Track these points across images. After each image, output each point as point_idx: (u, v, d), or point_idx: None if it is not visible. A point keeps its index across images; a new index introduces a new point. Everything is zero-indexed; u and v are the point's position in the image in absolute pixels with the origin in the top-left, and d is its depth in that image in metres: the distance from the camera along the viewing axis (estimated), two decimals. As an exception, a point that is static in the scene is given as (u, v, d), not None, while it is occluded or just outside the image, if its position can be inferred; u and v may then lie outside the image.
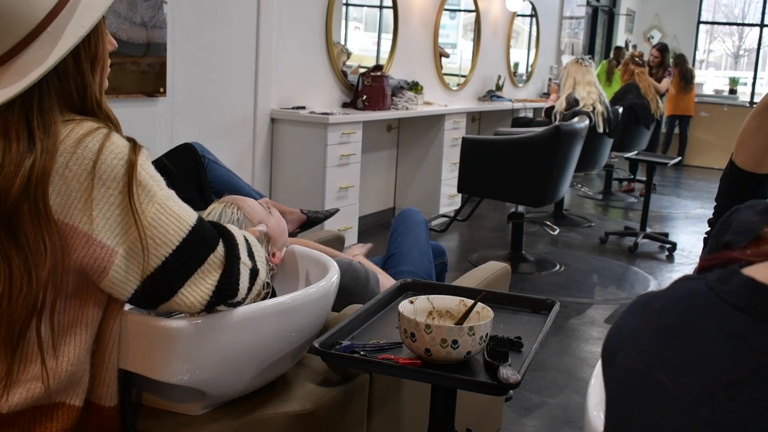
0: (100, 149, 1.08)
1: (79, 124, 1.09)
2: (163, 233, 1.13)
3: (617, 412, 0.58)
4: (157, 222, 1.12)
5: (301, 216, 2.25)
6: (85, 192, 1.07)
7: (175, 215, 1.15)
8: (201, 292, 1.18)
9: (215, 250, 1.20)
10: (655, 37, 10.73)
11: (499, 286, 2.13)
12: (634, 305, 0.63)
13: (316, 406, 1.51)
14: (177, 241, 1.14)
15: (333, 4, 4.76)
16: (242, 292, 1.25)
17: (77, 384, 1.18)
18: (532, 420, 2.69)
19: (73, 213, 1.07)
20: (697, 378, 0.52)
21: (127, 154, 1.10)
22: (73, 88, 1.12)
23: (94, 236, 1.08)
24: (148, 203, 1.11)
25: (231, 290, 1.22)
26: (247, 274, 1.25)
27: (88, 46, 1.13)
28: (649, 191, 5.36)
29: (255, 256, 1.30)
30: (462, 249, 5.13)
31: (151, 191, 1.12)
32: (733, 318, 0.53)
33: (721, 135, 9.73)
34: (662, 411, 0.54)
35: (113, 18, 3.19)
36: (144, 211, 1.10)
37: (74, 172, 1.06)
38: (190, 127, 3.70)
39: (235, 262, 1.22)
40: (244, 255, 1.26)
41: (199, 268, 1.18)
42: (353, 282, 1.87)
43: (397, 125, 5.67)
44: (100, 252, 1.09)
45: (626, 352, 0.59)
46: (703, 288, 0.57)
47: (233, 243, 1.23)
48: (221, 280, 1.20)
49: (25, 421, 1.14)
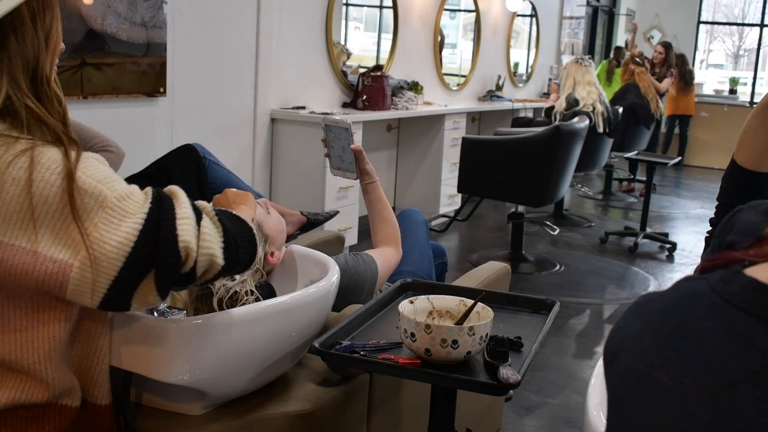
0: (32, 167, 1.03)
1: (13, 144, 1.05)
2: (115, 236, 1.07)
3: (619, 412, 0.58)
4: (110, 224, 1.07)
5: (301, 218, 2.24)
6: (26, 212, 1.04)
7: (128, 213, 1.08)
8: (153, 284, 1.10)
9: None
10: (655, 37, 10.73)
11: (499, 286, 2.13)
12: (636, 305, 0.63)
13: (316, 406, 1.51)
14: (132, 239, 1.07)
15: (333, 4, 4.76)
16: (185, 242, 1.10)
17: (68, 387, 1.18)
18: (532, 420, 2.69)
19: (17, 234, 1.04)
20: (699, 378, 0.52)
21: (62, 165, 1.05)
22: (30, 56, 1.10)
23: (43, 253, 1.04)
24: (98, 209, 1.06)
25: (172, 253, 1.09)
26: (190, 224, 1.12)
27: (43, 20, 1.12)
28: (649, 191, 5.36)
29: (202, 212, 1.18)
30: (462, 249, 5.13)
31: (100, 195, 1.06)
32: (735, 319, 0.53)
33: (721, 135, 9.72)
34: (664, 411, 0.54)
35: (113, 18, 3.19)
36: (92, 219, 1.06)
37: (11, 194, 1.03)
38: (190, 127, 3.70)
39: (165, 221, 1.10)
40: (183, 209, 1.14)
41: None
42: (354, 280, 1.87)
43: (397, 125, 5.67)
44: (53, 267, 1.05)
45: (628, 352, 0.59)
46: (705, 288, 0.56)
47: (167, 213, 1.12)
48: (159, 264, 1.09)
49: (17, 420, 1.14)
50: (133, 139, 3.28)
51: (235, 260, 1.19)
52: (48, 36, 1.14)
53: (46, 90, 1.13)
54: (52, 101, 1.14)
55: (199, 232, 1.13)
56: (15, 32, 1.09)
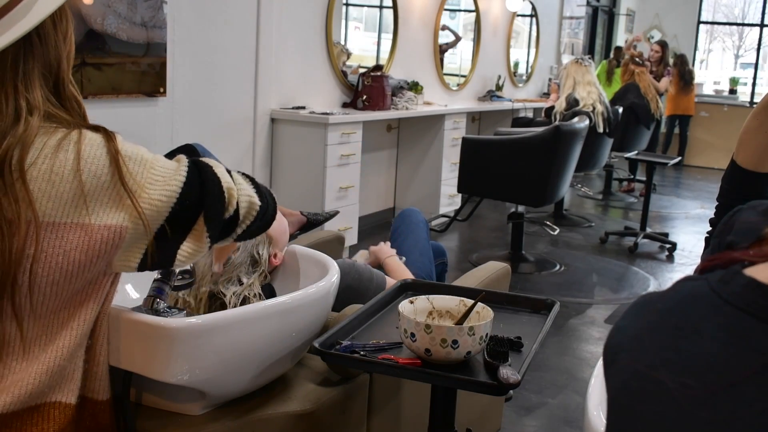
0: (79, 147, 1.10)
1: (53, 133, 1.11)
2: (162, 192, 1.15)
3: (618, 412, 0.58)
4: (155, 183, 1.15)
5: (300, 218, 2.24)
6: (77, 190, 1.09)
7: (169, 170, 1.18)
8: (197, 234, 1.19)
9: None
10: (655, 37, 10.73)
11: (499, 286, 2.13)
12: (635, 305, 0.63)
13: (316, 406, 1.51)
14: (178, 191, 1.16)
15: (333, 4, 4.76)
16: (227, 183, 1.23)
17: (70, 380, 1.18)
18: (532, 420, 2.69)
19: (69, 212, 1.09)
20: (699, 379, 0.52)
21: (104, 143, 1.13)
22: (53, 61, 1.14)
23: (97, 223, 1.10)
24: (142, 170, 1.15)
25: (214, 187, 1.20)
26: (223, 170, 1.26)
27: (60, 22, 1.16)
28: (649, 191, 5.36)
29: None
30: (462, 249, 5.13)
31: (142, 158, 1.16)
32: (735, 319, 0.53)
33: (721, 135, 9.72)
34: (663, 411, 0.54)
35: (113, 18, 3.19)
36: (139, 181, 1.14)
37: (60, 175, 1.08)
38: (190, 127, 3.70)
39: (208, 168, 1.23)
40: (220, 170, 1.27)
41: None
42: (356, 282, 1.87)
43: (397, 125, 5.67)
44: (107, 233, 1.11)
45: (628, 352, 0.59)
46: (705, 289, 0.56)
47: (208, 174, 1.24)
48: (206, 206, 1.19)
49: (21, 422, 1.14)
50: (133, 139, 3.25)
51: (267, 205, 1.30)
52: (66, 39, 1.17)
53: (65, 92, 1.17)
54: (72, 102, 1.18)
55: (234, 181, 1.25)
56: (39, 37, 1.12)
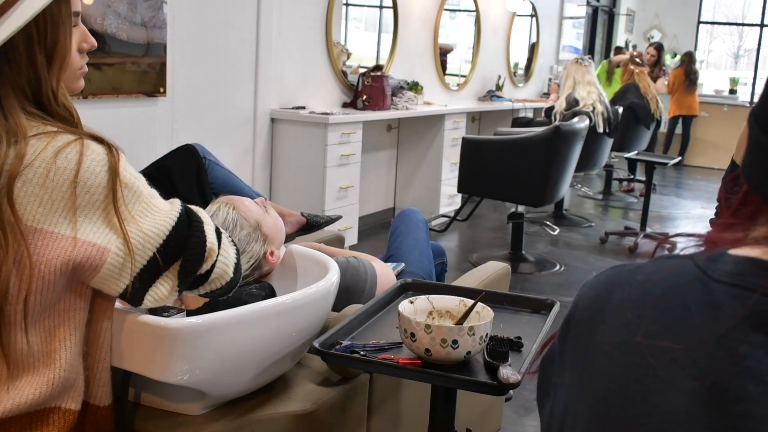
0: (81, 158, 1.10)
1: (54, 137, 1.11)
2: (150, 227, 1.16)
3: (603, 384, 0.59)
4: (144, 216, 1.16)
5: (300, 219, 2.24)
6: (69, 201, 1.09)
7: (160, 210, 1.19)
8: (170, 280, 1.19)
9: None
10: (656, 37, 10.73)
11: (499, 286, 2.13)
12: (611, 278, 0.64)
13: (316, 406, 1.51)
14: (166, 232, 1.17)
15: (333, 4, 4.76)
16: (212, 244, 1.23)
17: (72, 388, 1.18)
18: (532, 420, 2.69)
19: (57, 221, 1.09)
20: (684, 350, 0.53)
21: (107, 160, 1.12)
22: (25, 82, 1.12)
23: (82, 238, 1.10)
24: (135, 201, 1.15)
25: (197, 254, 1.21)
26: (212, 230, 1.26)
27: (44, 39, 1.13)
28: (649, 191, 5.36)
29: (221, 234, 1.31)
30: (462, 249, 5.13)
31: (138, 190, 1.16)
32: (719, 293, 0.55)
33: (721, 135, 9.72)
34: (648, 383, 0.55)
35: (113, 18, 3.19)
36: (131, 211, 1.14)
37: (56, 182, 1.08)
38: (190, 127, 3.70)
39: (198, 226, 1.23)
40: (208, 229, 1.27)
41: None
42: (354, 280, 1.87)
43: (397, 125, 5.67)
44: (91, 250, 1.11)
45: (609, 324, 0.60)
46: (689, 265, 0.58)
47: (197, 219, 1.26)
48: (185, 257, 1.20)
49: (21, 426, 1.14)
50: (133, 139, 3.28)
51: (235, 282, 1.31)
52: (52, 53, 1.14)
53: (54, 107, 1.16)
54: (64, 112, 1.17)
55: (221, 244, 1.26)
56: (8, 60, 1.10)
